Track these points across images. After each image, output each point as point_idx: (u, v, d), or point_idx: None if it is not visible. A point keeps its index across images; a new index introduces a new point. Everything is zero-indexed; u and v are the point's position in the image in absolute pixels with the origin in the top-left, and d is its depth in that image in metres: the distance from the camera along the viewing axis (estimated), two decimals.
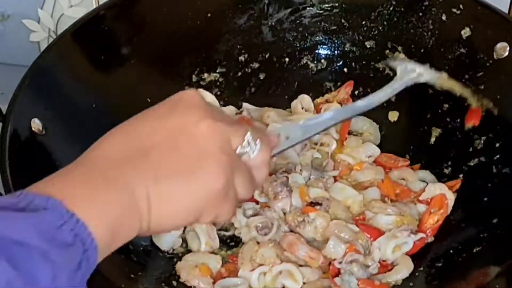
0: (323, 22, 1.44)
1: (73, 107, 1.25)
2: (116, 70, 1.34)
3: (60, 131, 1.20)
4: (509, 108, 1.25)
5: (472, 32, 1.31)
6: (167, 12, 1.38)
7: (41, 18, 1.61)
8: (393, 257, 1.16)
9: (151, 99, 1.32)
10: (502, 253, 1.09)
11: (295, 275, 1.13)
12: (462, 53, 1.32)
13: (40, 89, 1.19)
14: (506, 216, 1.14)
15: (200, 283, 1.14)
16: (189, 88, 0.89)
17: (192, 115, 0.85)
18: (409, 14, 1.38)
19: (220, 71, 1.43)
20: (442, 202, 1.22)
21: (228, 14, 1.42)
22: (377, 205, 1.21)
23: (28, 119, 1.14)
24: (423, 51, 1.37)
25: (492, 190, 1.20)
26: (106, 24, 1.32)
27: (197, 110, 0.86)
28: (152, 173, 0.80)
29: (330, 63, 1.45)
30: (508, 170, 1.19)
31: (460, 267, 1.12)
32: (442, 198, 1.22)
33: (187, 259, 1.18)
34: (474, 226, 1.18)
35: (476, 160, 1.26)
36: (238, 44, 1.43)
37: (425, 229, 1.20)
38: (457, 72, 1.31)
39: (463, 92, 1.23)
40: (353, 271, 1.12)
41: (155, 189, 0.79)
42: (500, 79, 1.28)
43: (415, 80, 1.19)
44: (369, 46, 1.42)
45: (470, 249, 1.13)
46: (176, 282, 1.14)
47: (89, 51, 1.31)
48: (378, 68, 1.42)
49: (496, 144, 1.24)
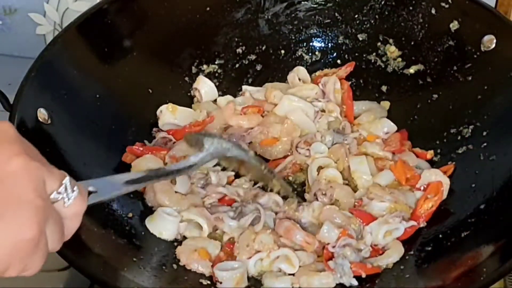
0: (318, 16, 1.45)
1: (78, 97, 1.26)
2: (119, 62, 1.36)
3: (65, 121, 1.22)
4: (495, 98, 1.27)
5: (460, 25, 1.33)
6: (168, 6, 1.39)
7: (46, 11, 1.62)
8: (384, 241, 1.17)
9: (152, 90, 1.37)
10: (490, 237, 1.10)
11: (292, 259, 1.14)
12: (451, 45, 1.34)
13: (46, 80, 1.21)
14: (493, 202, 1.16)
15: (199, 266, 1.14)
16: (2, 121, 0.77)
17: (5, 150, 0.72)
18: (400, 8, 1.39)
19: (219, 62, 1.44)
20: (438, 188, 1.22)
21: (226, 8, 1.43)
22: (375, 191, 1.22)
23: (35, 109, 1.16)
24: (413, 44, 1.39)
25: (480, 177, 1.22)
26: (110, 17, 1.34)
27: (10, 145, 0.73)
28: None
29: (324, 55, 1.46)
30: (495, 158, 1.21)
31: (449, 251, 1.13)
32: (438, 185, 1.22)
33: (187, 243, 1.18)
34: (462, 212, 1.19)
35: (464, 148, 1.28)
36: (236, 36, 1.44)
37: (419, 214, 1.20)
38: (446, 63, 1.35)
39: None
40: (346, 255, 1.13)
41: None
42: (487, 70, 1.30)
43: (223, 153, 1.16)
44: (361, 38, 1.44)
45: (458, 233, 1.15)
46: (176, 266, 1.15)
47: (93, 44, 1.32)
48: (370, 60, 1.43)
49: (483, 132, 1.26)
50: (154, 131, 1.35)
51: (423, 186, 1.24)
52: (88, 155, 1.23)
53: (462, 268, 1.08)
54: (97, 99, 1.30)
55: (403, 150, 1.31)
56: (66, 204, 0.77)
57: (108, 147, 1.28)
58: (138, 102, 1.36)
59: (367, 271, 1.12)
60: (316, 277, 1.11)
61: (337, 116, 1.36)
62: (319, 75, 1.44)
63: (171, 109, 1.36)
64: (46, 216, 0.73)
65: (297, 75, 1.43)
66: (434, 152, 1.31)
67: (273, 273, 1.14)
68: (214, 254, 1.17)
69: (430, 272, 1.13)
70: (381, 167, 1.29)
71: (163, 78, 1.40)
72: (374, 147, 1.30)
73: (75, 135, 1.23)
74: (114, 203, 1.19)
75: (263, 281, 1.14)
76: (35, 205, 0.71)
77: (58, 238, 0.76)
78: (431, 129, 1.34)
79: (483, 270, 1.03)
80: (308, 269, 1.14)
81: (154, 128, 1.36)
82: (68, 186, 0.77)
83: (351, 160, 1.27)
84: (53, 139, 1.18)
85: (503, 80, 1.26)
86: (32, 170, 0.72)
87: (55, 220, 0.75)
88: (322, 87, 1.40)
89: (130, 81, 1.35)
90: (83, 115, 1.26)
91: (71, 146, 1.21)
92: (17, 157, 0.72)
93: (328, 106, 1.36)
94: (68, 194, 0.77)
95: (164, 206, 1.21)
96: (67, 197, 0.77)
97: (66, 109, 1.23)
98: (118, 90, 1.34)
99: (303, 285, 1.12)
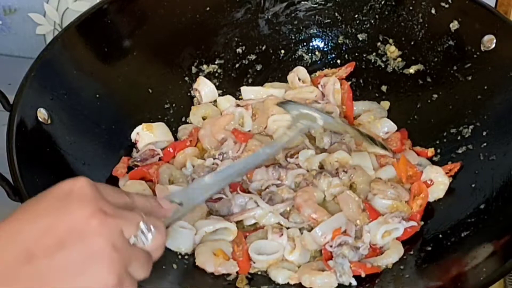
0: (317, 16, 1.45)
1: (78, 97, 1.26)
2: (119, 62, 1.36)
3: (65, 120, 1.22)
4: (495, 98, 1.27)
5: (460, 25, 1.33)
6: (168, 6, 1.39)
7: (46, 11, 1.62)
8: (382, 242, 1.17)
9: (152, 90, 1.37)
10: (490, 237, 1.10)
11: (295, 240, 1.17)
12: (451, 45, 1.35)
13: (45, 80, 1.22)
14: (493, 202, 1.16)
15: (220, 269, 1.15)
16: (79, 177, 0.81)
17: (82, 211, 0.78)
18: (400, 7, 1.40)
19: (219, 62, 1.44)
20: (421, 187, 1.23)
21: (226, 8, 1.43)
22: (378, 187, 1.23)
23: (34, 109, 1.17)
24: (413, 44, 1.39)
25: (480, 177, 1.22)
26: (109, 17, 1.34)
27: (88, 205, 0.79)
28: (38, 280, 0.75)
29: (324, 55, 1.46)
30: (495, 158, 1.22)
31: (449, 251, 1.13)
32: (419, 184, 1.24)
33: (206, 243, 1.18)
34: (462, 212, 1.19)
35: (464, 148, 1.28)
36: (235, 36, 1.44)
37: (413, 214, 1.21)
38: (445, 63, 1.35)
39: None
40: (345, 254, 1.13)
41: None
42: (487, 70, 1.30)
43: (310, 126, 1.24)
44: (361, 38, 1.44)
45: (458, 233, 1.15)
46: (176, 266, 1.14)
47: (93, 44, 1.33)
48: (370, 60, 1.43)
49: (483, 132, 1.26)
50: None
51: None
52: (88, 155, 1.24)
53: (462, 268, 1.08)
54: (97, 99, 1.30)
55: (404, 149, 1.32)
56: (146, 245, 0.83)
57: (108, 147, 1.29)
58: (138, 102, 1.37)
59: (366, 270, 1.12)
60: (318, 276, 1.12)
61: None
62: (319, 75, 1.44)
63: (146, 128, 1.32)
64: (125, 263, 0.80)
65: (297, 75, 1.43)
66: (434, 152, 1.31)
67: (278, 265, 1.15)
68: (228, 252, 1.17)
69: (430, 272, 1.13)
70: (383, 163, 1.29)
71: (163, 78, 1.40)
72: (375, 147, 1.30)
73: (75, 135, 1.23)
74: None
75: (268, 273, 1.15)
76: (112, 258, 0.78)
77: (143, 270, 0.84)
78: (431, 129, 1.34)
79: (483, 270, 1.03)
80: (310, 268, 1.14)
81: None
82: (144, 229, 0.83)
83: (354, 156, 1.28)
84: (53, 139, 1.19)
85: (503, 80, 1.26)
86: (108, 226, 0.79)
87: (137, 258, 0.82)
88: (321, 88, 1.40)
89: (130, 81, 1.35)
90: (83, 115, 1.26)
91: (71, 146, 1.22)
92: (94, 217, 0.78)
93: (327, 107, 1.36)
94: (146, 235, 0.83)
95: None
96: (145, 238, 0.83)
97: (66, 109, 1.23)
98: (118, 90, 1.34)
99: (306, 284, 1.12)
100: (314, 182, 1.24)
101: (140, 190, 1.23)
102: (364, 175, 1.25)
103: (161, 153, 1.30)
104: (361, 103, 1.40)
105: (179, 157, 1.30)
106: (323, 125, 1.26)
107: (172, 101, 1.39)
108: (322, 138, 1.31)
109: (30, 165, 1.11)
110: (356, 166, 1.26)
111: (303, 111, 1.26)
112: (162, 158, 1.31)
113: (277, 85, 1.43)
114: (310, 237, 1.17)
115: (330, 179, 1.23)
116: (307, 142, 1.31)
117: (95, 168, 1.23)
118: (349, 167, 1.25)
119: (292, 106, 1.28)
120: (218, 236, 1.19)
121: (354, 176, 1.24)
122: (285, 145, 1.22)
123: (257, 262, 1.16)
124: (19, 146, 1.11)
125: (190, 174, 1.27)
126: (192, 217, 1.19)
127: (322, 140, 1.31)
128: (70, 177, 0.81)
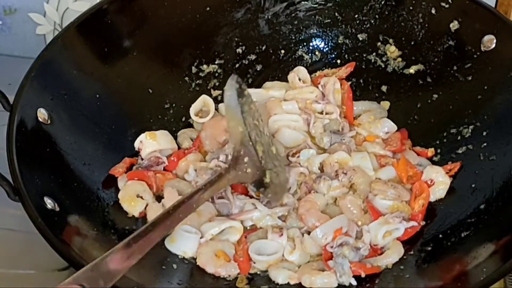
0: (318, 16, 1.45)
1: (78, 97, 1.27)
2: (119, 62, 1.36)
3: (65, 120, 1.22)
4: (495, 98, 1.27)
5: (460, 25, 1.33)
6: (168, 6, 1.39)
7: (46, 11, 1.62)
8: (383, 242, 1.17)
9: (152, 90, 1.38)
10: (490, 237, 1.10)
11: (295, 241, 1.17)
12: (451, 45, 1.35)
13: (46, 80, 1.22)
14: (493, 202, 1.16)
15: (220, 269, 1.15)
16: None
17: None
18: (400, 8, 1.40)
19: (219, 62, 1.44)
20: (422, 187, 1.23)
21: (226, 8, 1.43)
22: (378, 187, 1.23)
23: (34, 109, 1.17)
24: (413, 44, 1.39)
25: (480, 177, 1.22)
26: (109, 17, 1.34)
27: None
28: None
29: (324, 55, 1.46)
30: (495, 158, 1.22)
31: (449, 251, 1.14)
32: (421, 183, 1.24)
33: (209, 244, 1.18)
34: (462, 212, 1.19)
35: (464, 148, 1.28)
36: (235, 36, 1.44)
37: (415, 214, 1.21)
38: (446, 63, 1.35)
39: None
40: (345, 254, 1.13)
41: None
42: (487, 70, 1.30)
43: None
44: (361, 38, 1.44)
45: (458, 233, 1.15)
46: (176, 265, 1.15)
47: (93, 44, 1.33)
48: (370, 60, 1.43)
49: (483, 132, 1.26)
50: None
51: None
52: (88, 155, 1.24)
53: (462, 268, 1.08)
54: (97, 99, 1.30)
55: (404, 149, 1.32)
56: None
57: (108, 147, 1.29)
58: (138, 102, 1.37)
59: (366, 271, 1.13)
60: (318, 276, 1.12)
61: (336, 118, 1.35)
62: (319, 75, 1.44)
63: (149, 136, 1.31)
64: None
65: (297, 75, 1.43)
66: (434, 152, 1.31)
67: (278, 265, 1.15)
68: (231, 254, 1.17)
69: (430, 272, 1.13)
70: (383, 163, 1.29)
71: (163, 78, 1.40)
72: (374, 147, 1.31)
73: (75, 135, 1.24)
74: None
75: (269, 273, 1.15)
76: None
77: None
78: (431, 129, 1.34)
79: (483, 270, 1.03)
80: (310, 268, 1.15)
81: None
82: None
83: (354, 156, 1.28)
84: (53, 139, 1.19)
85: (503, 80, 1.26)
86: None
87: None
88: (321, 88, 1.40)
89: (130, 81, 1.35)
90: (83, 115, 1.26)
91: (71, 146, 1.22)
92: None
93: (327, 107, 1.36)
94: None
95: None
96: None
97: (66, 109, 1.23)
98: (118, 90, 1.34)
99: (306, 284, 1.12)
100: (314, 186, 1.24)
101: (140, 191, 1.24)
102: (364, 175, 1.25)
103: (166, 161, 1.30)
104: (361, 103, 1.40)
105: (181, 164, 1.30)
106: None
107: (172, 101, 1.39)
108: (322, 138, 1.32)
109: (30, 165, 1.11)
110: (356, 167, 1.26)
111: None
112: (166, 168, 1.30)
113: (278, 85, 1.43)
114: (310, 240, 1.17)
115: (329, 182, 1.23)
116: (309, 142, 1.31)
117: (95, 168, 1.23)
118: (349, 169, 1.25)
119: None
120: (225, 236, 1.19)
121: (353, 178, 1.24)
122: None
123: (257, 263, 1.16)
124: (19, 146, 1.11)
125: (193, 178, 1.27)
126: (198, 221, 1.19)
127: (322, 140, 1.32)
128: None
